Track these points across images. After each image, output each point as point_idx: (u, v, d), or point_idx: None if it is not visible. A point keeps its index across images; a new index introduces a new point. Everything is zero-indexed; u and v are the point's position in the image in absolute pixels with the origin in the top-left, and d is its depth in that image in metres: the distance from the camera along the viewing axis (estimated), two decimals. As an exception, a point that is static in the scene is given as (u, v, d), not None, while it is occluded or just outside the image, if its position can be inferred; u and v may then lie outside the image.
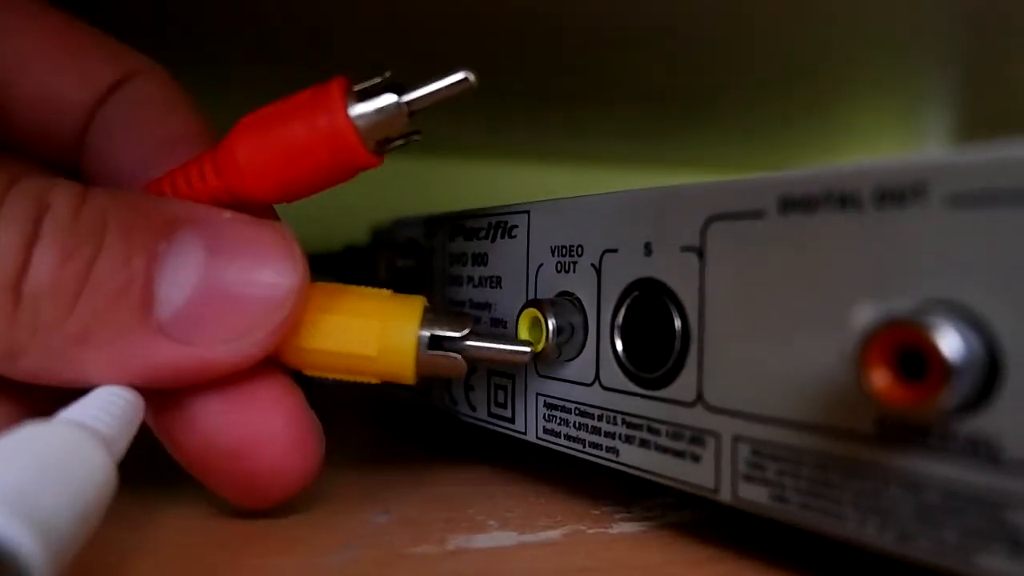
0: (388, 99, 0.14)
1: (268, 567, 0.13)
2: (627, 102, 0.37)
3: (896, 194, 0.11)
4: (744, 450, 0.13)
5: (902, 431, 0.11)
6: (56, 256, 0.12)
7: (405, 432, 0.25)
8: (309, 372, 0.15)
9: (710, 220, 0.13)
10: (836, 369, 0.12)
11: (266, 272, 0.13)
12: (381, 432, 0.25)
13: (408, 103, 0.14)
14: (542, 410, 0.17)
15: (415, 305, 0.15)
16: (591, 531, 0.16)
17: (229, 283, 0.13)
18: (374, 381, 0.15)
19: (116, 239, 0.13)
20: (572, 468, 0.19)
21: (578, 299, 0.16)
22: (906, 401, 0.10)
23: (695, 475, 0.14)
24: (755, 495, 0.13)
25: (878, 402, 0.10)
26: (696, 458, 0.14)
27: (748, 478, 0.13)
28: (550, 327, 0.16)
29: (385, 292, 0.16)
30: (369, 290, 0.16)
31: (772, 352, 0.13)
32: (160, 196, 0.14)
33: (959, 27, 0.27)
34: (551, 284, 0.17)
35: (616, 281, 0.15)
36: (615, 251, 0.15)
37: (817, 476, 0.12)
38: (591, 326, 0.16)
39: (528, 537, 0.15)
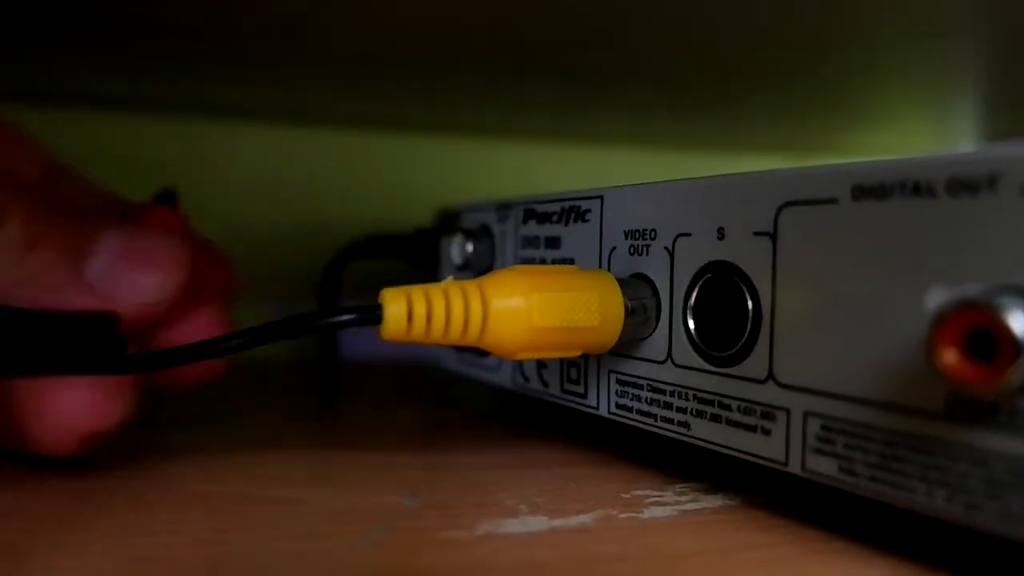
0: None
1: (295, 551, 0.14)
2: (648, 82, 0.37)
3: (970, 183, 0.11)
4: (814, 425, 0.14)
5: (971, 408, 0.12)
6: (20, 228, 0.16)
7: (437, 414, 0.25)
8: (523, 356, 0.16)
9: (784, 206, 0.14)
10: (907, 349, 0.12)
11: (164, 253, 0.18)
12: (413, 415, 0.25)
13: None
14: (614, 386, 0.18)
15: (609, 276, 0.17)
16: (623, 516, 0.15)
17: (140, 254, 0.17)
18: (576, 354, 0.16)
19: (61, 227, 0.17)
20: (601, 452, 0.20)
21: (651, 281, 0.17)
22: (976, 379, 0.11)
23: (765, 448, 0.15)
24: (824, 467, 0.14)
25: (949, 380, 0.11)
26: (767, 432, 0.14)
27: (818, 451, 0.14)
28: (626, 307, 0.16)
29: (573, 267, 0.17)
30: (564, 267, 0.17)
31: (843, 332, 0.13)
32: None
33: (988, 9, 0.26)
34: (624, 266, 0.18)
35: (689, 264, 0.16)
36: (688, 235, 0.16)
37: (886, 450, 0.13)
38: (664, 306, 0.17)
39: (559, 522, 0.15)
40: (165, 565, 0.13)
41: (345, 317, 0.15)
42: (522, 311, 0.15)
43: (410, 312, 0.15)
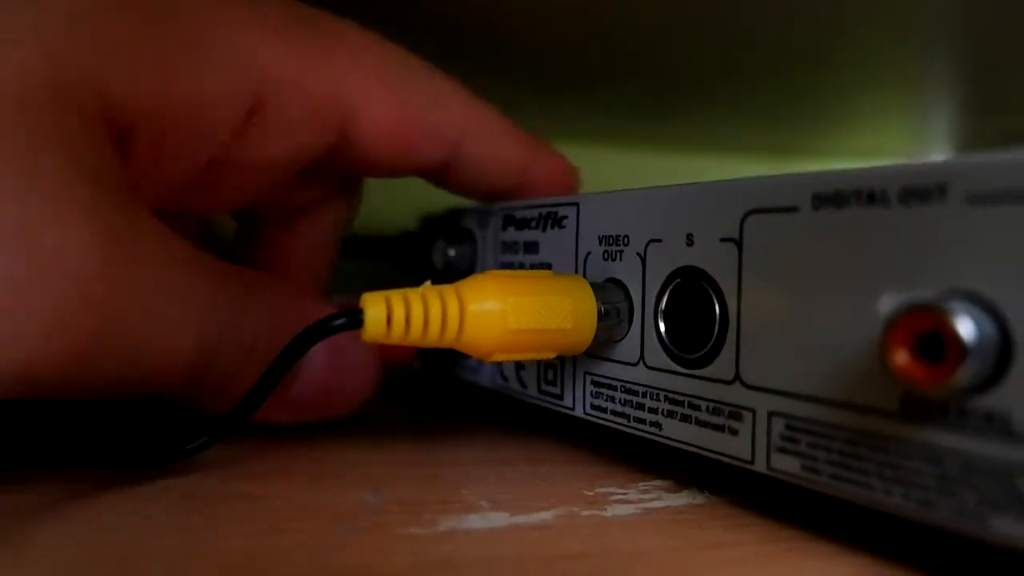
0: None
1: (257, 547, 0.14)
2: (631, 82, 0.37)
3: (920, 192, 0.12)
4: (778, 424, 0.14)
5: (923, 408, 0.12)
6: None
7: (408, 411, 0.26)
8: (497, 358, 0.16)
9: (748, 214, 0.15)
10: (864, 351, 0.13)
11: (356, 380, 0.20)
12: (387, 412, 0.25)
13: None
14: (589, 387, 0.18)
15: (583, 281, 0.17)
16: (585, 513, 0.15)
17: (337, 381, 0.19)
18: (551, 356, 0.17)
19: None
20: (571, 449, 0.20)
21: (624, 285, 0.17)
22: (926, 380, 0.11)
23: (732, 447, 0.15)
24: (788, 466, 0.14)
25: (901, 381, 0.12)
26: (734, 431, 0.15)
27: (782, 450, 0.14)
28: (599, 311, 0.17)
29: (548, 272, 0.17)
30: (540, 272, 0.17)
31: (805, 335, 0.14)
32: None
33: (963, 13, 0.27)
34: (599, 271, 0.18)
35: (660, 269, 0.17)
36: (659, 241, 0.17)
37: (846, 449, 0.13)
38: (636, 310, 0.17)
39: (520, 519, 0.15)
40: (125, 560, 0.13)
41: (331, 324, 0.15)
42: (498, 314, 0.15)
43: (389, 315, 0.15)
